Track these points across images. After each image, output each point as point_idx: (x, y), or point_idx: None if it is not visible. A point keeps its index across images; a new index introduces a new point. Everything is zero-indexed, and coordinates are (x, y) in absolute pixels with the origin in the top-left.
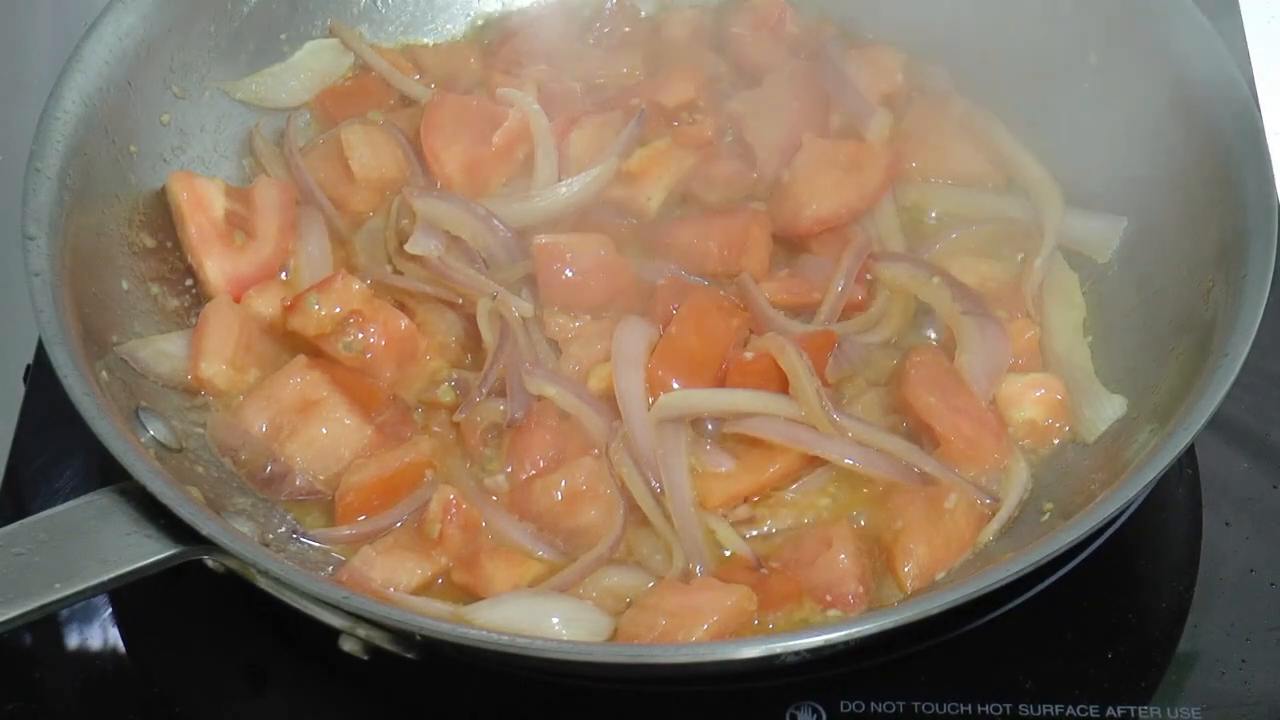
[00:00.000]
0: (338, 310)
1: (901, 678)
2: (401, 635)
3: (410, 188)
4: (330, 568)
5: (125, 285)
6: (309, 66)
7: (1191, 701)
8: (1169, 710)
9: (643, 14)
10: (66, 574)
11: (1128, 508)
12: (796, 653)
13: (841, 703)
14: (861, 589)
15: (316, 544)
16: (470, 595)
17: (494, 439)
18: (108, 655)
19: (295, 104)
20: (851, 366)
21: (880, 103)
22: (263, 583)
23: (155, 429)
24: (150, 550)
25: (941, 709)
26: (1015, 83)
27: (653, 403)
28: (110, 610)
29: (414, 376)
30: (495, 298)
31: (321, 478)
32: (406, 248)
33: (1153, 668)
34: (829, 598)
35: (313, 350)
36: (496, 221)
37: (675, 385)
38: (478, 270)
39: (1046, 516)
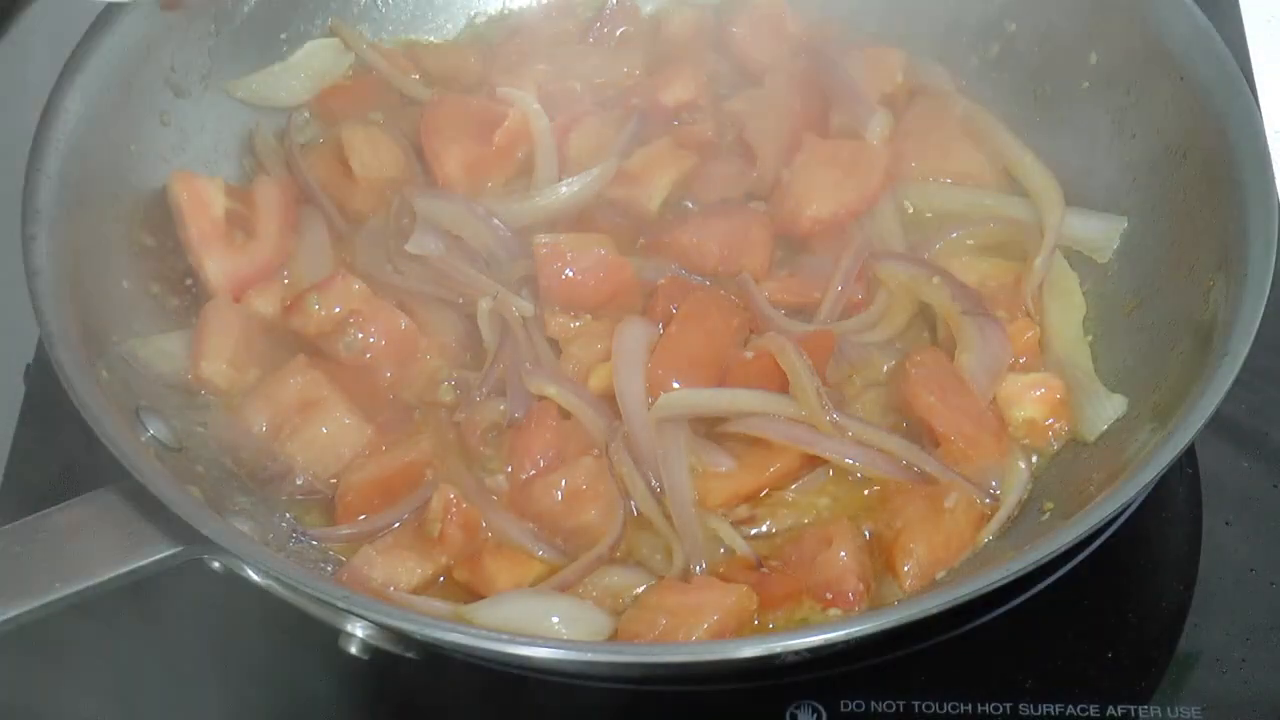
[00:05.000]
0: (338, 310)
1: (901, 678)
2: (401, 635)
3: (410, 187)
4: (330, 567)
5: (125, 285)
6: (309, 66)
7: (1191, 701)
8: (1169, 710)
9: (643, 14)
10: (67, 573)
11: (1128, 508)
12: (796, 652)
13: (841, 703)
14: (862, 587)
15: (316, 543)
16: (472, 594)
17: (494, 439)
18: (108, 655)
19: (295, 103)
20: (851, 366)
21: (880, 103)
22: (262, 582)
23: (155, 428)
24: (150, 550)
25: (941, 709)
26: (1015, 82)
27: (653, 402)
28: (110, 610)
29: (414, 376)
30: (495, 298)
31: (322, 477)
32: (407, 248)
33: (1153, 668)
34: (829, 596)
35: (313, 350)
36: (496, 221)
37: (675, 385)
38: (478, 270)
39: (1046, 516)
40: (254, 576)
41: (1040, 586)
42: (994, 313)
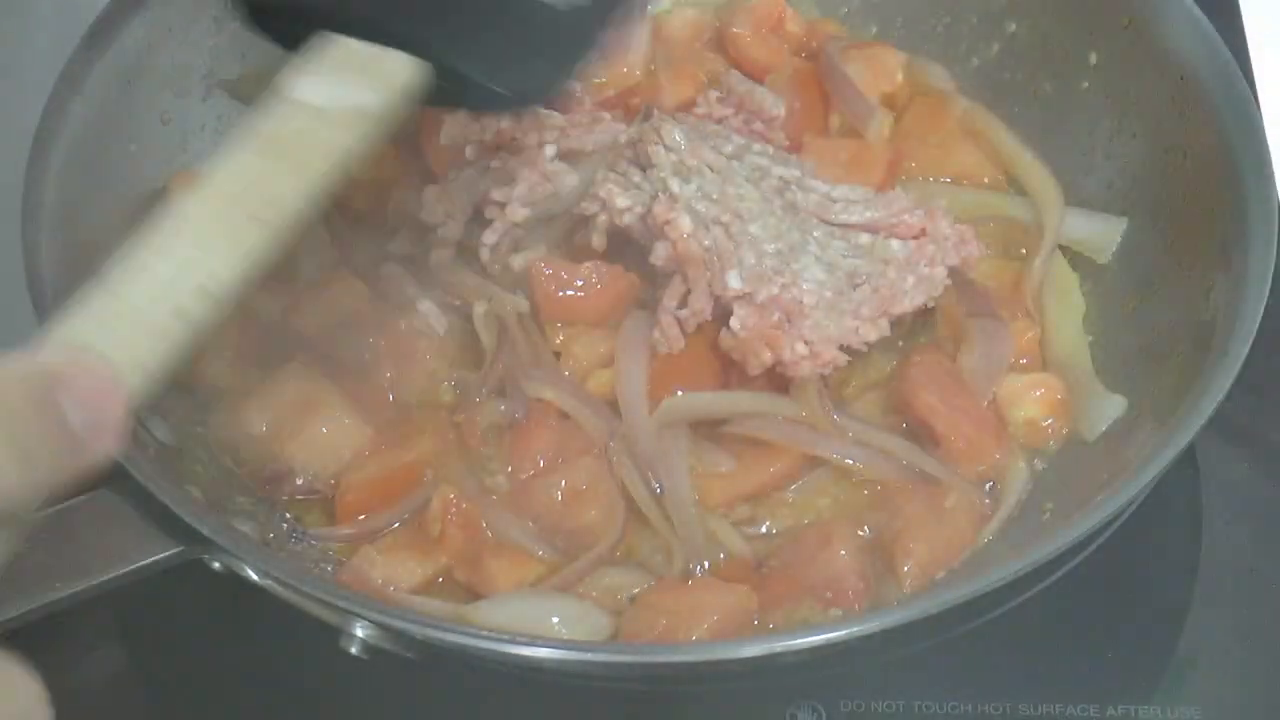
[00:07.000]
0: (338, 310)
1: (901, 678)
2: (401, 635)
3: (409, 187)
4: (330, 567)
5: None
6: None
7: (1191, 701)
8: (1169, 710)
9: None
10: (66, 574)
11: (1128, 508)
12: (796, 653)
13: (841, 703)
14: (862, 585)
15: (316, 543)
16: (472, 594)
17: (494, 439)
18: (108, 655)
19: None
20: (851, 367)
21: (880, 103)
22: (262, 582)
23: (155, 429)
24: (150, 550)
25: (941, 709)
26: (1015, 82)
27: (654, 407)
28: (110, 610)
29: (414, 376)
30: (490, 300)
31: (322, 477)
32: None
33: (1153, 668)
34: (829, 595)
35: (313, 350)
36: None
37: (678, 392)
38: (474, 272)
39: (1046, 516)
40: (254, 576)
41: (1040, 586)
42: (999, 313)
